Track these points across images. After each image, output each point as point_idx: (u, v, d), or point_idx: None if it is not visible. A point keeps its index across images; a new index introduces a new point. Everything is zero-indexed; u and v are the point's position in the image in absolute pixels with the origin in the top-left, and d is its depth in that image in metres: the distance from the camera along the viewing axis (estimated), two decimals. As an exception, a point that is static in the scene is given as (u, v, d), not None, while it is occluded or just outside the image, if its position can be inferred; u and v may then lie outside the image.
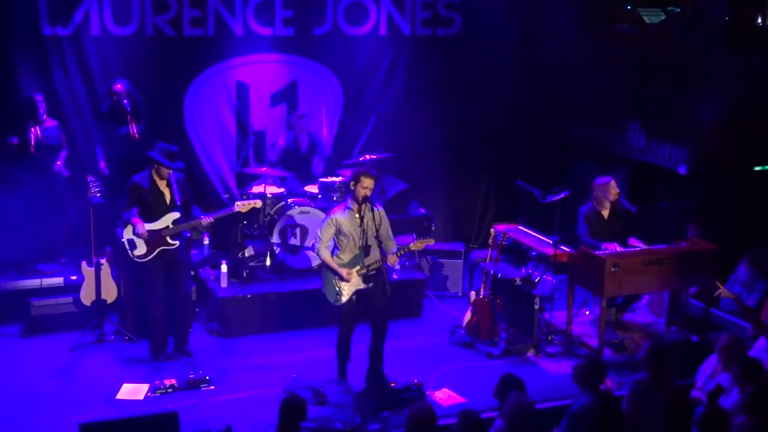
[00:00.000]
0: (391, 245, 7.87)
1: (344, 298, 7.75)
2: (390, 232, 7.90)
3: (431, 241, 8.14)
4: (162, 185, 8.29)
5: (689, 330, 9.28)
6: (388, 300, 7.83)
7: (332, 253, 7.79)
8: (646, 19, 11.64)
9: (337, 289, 7.73)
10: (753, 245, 9.96)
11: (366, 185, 7.60)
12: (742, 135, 10.40)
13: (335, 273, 7.70)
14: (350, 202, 7.70)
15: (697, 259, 8.93)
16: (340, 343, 7.99)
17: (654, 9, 11.62)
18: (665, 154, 10.65)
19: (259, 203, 8.70)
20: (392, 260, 7.81)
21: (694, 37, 10.60)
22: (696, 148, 10.35)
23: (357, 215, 7.67)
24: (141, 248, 8.26)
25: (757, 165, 10.73)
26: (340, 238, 7.71)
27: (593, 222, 9.17)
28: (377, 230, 7.67)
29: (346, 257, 7.73)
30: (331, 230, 7.69)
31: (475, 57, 11.41)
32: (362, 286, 7.77)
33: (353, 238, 7.68)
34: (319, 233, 7.75)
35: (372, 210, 7.70)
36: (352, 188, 7.66)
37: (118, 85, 9.59)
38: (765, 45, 10.69)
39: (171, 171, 8.22)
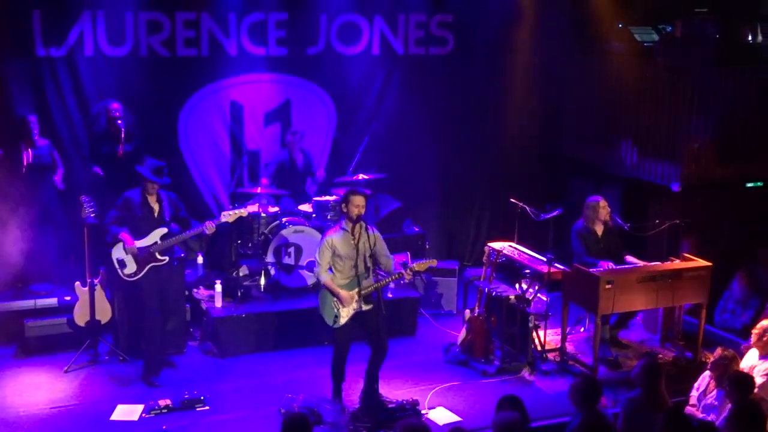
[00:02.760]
0: (390, 263, 7.87)
1: (342, 321, 7.71)
2: (387, 251, 7.90)
3: (434, 263, 8.16)
4: (152, 201, 8.32)
5: (683, 347, 9.30)
6: (385, 319, 7.82)
7: None
8: (637, 37, 11.74)
9: (336, 311, 7.70)
10: (746, 262, 10.00)
11: (357, 203, 7.60)
12: (734, 152, 10.46)
13: (335, 296, 7.69)
14: (344, 223, 7.70)
15: (691, 276, 8.94)
16: (335, 363, 7.97)
17: (645, 27, 11.72)
18: (658, 171, 10.70)
19: (245, 212, 8.68)
20: (408, 275, 7.82)
21: (685, 56, 10.66)
22: (688, 165, 10.39)
23: (352, 236, 7.68)
24: (131, 266, 8.26)
25: (750, 181, 10.78)
26: (335, 260, 7.69)
27: (587, 239, 9.20)
28: (371, 250, 7.67)
29: (342, 279, 7.72)
30: (329, 252, 7.67)
31: (467, 76, 11.48)
32: (361, 308, 7.76)
33: (349, 259, 7.68)
34: (317, 257, 7.72)
35: (366, 231, 7.70)
36: (344, 210, 7.67)
37: (113, 105, 9.62)
38: (755, 63, 10.78)
39: (158, 187, 8.25)
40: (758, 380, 7.07)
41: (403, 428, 5.76)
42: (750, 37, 11.67)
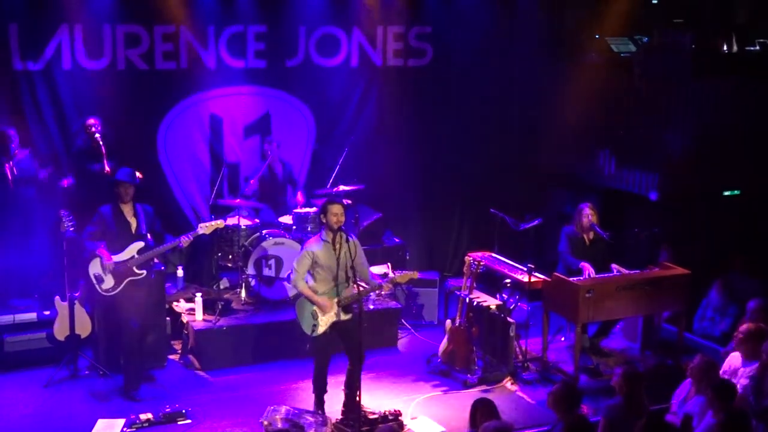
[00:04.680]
0: (366, 273, 7.88)
1: (321, 329, 7.72)
2: (365, 260, 7.92)
3: (415, 275, 8.20)
4: (129, 215, 8.28)
5: (663, 354, 9.36)
6: (364, 330, 7.81)
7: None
8: (614, 48, 11.82)
9: (314, 320, 7.70)
10: (724, 269, 10.08)
11: (335, 212, 7.61)
12: (711, 160, 10.55)
13: (314, 304, 7.68)
14: (324, 234, 7.71)
15: (670, 284, 9.02)
16: (316, 374, 7.97)
17: (622, 38, 11.81)
18: (636, 181, 10.78)
19: (221, 223, 8.65)
20: (386, 288, 7.84)
21: (661, 66, 10.76)
22: (666, 174, 10.47)
23: (333, 246, 7.68)
24: (108, 282, 8.22)
25: (726, 190, 10.88)
26: (317, 270, 7.69)
27: (576, 244, 9.27)
28: (352, 260, 7.68)
29: (321, 288, 7.72)
30: (308, 262, 7.68)
31: (446, 87, 11.54)
32: (340, 317, 7.76)
33: (329, 270, 7.68)
34: (295, 265, 7.73)
35: (347, 241, 7.71)
36: (323, 220, 7.68)
37: (91, 120, 9.58)
38: (730, 73, 10.88)
39: (131, 190, 8.21)
40: (743, 382, 7.14)
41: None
42: (725, 47, 11.78)
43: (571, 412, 6.32)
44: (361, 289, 7.59)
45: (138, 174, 8.45)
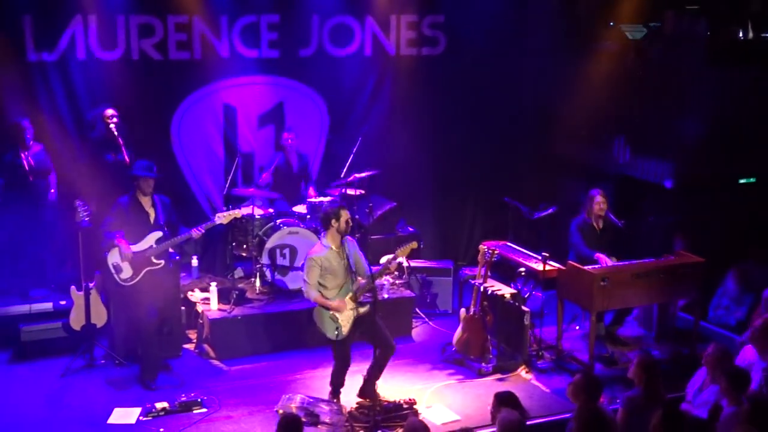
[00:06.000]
0: (364, 270, 7.84)
1: (345, 330, 7.69)
2: (362, 256, 7.95)
3: (415, 245, 8.14)
4: (147, 205, 8.32)
5: (678, 343, 9.33)
6: (379, 319, 7.83)
7: None
8: (629, 35, 11.75)
9: (336, 323, 7.67)
10: (739, 258, 10.03)
11: (347, 218, 7.67)
12: (727, 148, 10.49)
13: (330, 309, 7.67)
14: (326, 240, 7.71)
15: (685, 272, 8.98)
16: (337, 372, 7.98)
17: (637, 26, 11.73)
18: (650, 169, 10.73)
19: (239, 213, 8.68)
20: (393, 266, 7.87)
21: (676, 54, 10.69)
22: (681, 162, 10.42)
23: (338, 251, 7.70)
24: (127, 271, 8.26)
25: (742, 178, 10.82)
26: (325, 276, 7.70)
27: (586, 233, 9.24)
28: (354, 261, 7.73)
29: (331, 293, 7.73)
30: (317, 270, 7.66)
31: (460, 76, 11.49)
32: (358, 311, 7.76)
33: (337, 274, 7.69)
34: (305, 277, 7.70)
35: (347, 244, 7.77)
36: (334, 225, 7.65)
37: (110, 111, 9.60)
38: (745, 60, 10.81)
39: (152, 183, 8.25)
40: (757, 376, 7.10)
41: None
42: (741, 34, 11.69)
43: (592, 403, 6.29)
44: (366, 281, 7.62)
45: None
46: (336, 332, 7.67)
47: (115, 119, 9.56)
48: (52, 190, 9.62)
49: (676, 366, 8.74)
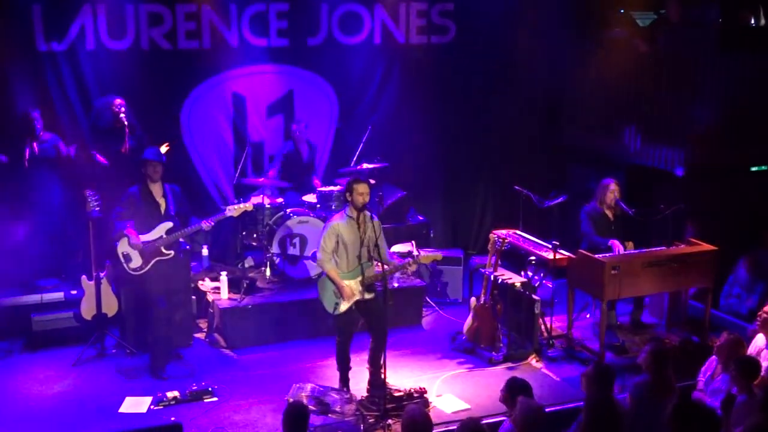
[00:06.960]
0: (385, 252, 7.85)
1: (343, 308, 7.74)
2: (385, 242, 7.94)
3: (439, 257, 8.25)
4: (157, 195, 8.33)
5: (690, 331, 9.30)
6: (389, 308, 7.82)
7: None
8: (639, 22, 11.68)
9: (336, 299, 7.72)
10: (751, 246, 9.99)
11: (361, 191, 7.61)
12: (738, 136, 10.43)
13: (337, 286, 7.69)
14: (349, 210, 7.71)
15: (696, 261, 8.95)
16: (339, 351, 8.01)
17: (647, 12, 11.66)
18: (661, 157, 10.68)
19: (250, 206, 8.68)
20: (412, 267, 7.92)
21: (688, 41, 10.63)
22: (692, 150, 10.37)
23: (357, 224, 7.68)
24: (137, 260, 8.27)
25: (754, 165, 10.76)
26: (340, 248, 7.70)
27: (598, 221, 9.22)
28: (376, 239, 7.69)
29: (345, 267, 7.73)
30: (334, 239, 7.66)
31: (469, 64, 11.47)
32: (363, 297, 7.78)
33: (353, 247, 7.68)
34: (321, 244, 7.71)
35: (371, 220, 7.71)
36: (349, 199, 7.67)
37: (118, 100, 9.61)
38: (757, 46, 10.73)
39: (160, 169, 8.25)
40: (765, 364, 7.08)
41: (406, 422, 5.78)
42: (752, 21, 11.60)
43: (604, 393, 6.27)
44: (385, 268, 7.60)
45: (165, 146, 8.45)
46: (334, 307, 7.73)
47: (123, 108, 9.56)
48: (62, 181, 9.62)
49: (686, 354, 8.70)
